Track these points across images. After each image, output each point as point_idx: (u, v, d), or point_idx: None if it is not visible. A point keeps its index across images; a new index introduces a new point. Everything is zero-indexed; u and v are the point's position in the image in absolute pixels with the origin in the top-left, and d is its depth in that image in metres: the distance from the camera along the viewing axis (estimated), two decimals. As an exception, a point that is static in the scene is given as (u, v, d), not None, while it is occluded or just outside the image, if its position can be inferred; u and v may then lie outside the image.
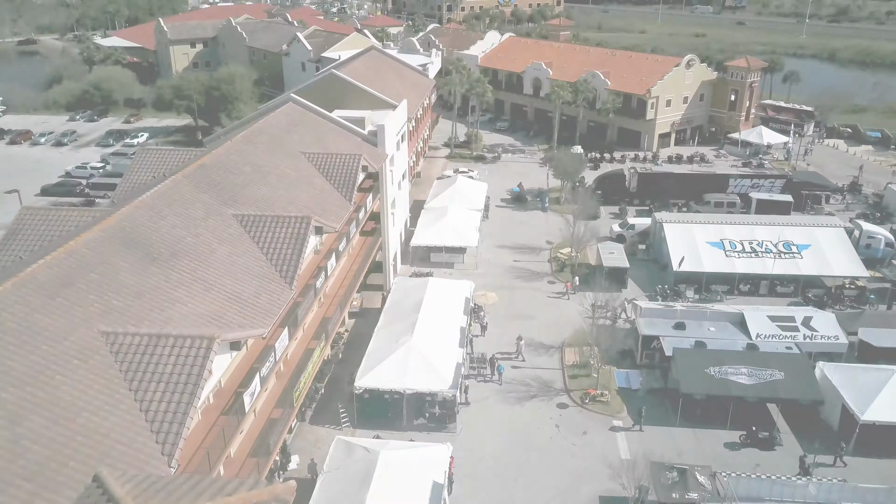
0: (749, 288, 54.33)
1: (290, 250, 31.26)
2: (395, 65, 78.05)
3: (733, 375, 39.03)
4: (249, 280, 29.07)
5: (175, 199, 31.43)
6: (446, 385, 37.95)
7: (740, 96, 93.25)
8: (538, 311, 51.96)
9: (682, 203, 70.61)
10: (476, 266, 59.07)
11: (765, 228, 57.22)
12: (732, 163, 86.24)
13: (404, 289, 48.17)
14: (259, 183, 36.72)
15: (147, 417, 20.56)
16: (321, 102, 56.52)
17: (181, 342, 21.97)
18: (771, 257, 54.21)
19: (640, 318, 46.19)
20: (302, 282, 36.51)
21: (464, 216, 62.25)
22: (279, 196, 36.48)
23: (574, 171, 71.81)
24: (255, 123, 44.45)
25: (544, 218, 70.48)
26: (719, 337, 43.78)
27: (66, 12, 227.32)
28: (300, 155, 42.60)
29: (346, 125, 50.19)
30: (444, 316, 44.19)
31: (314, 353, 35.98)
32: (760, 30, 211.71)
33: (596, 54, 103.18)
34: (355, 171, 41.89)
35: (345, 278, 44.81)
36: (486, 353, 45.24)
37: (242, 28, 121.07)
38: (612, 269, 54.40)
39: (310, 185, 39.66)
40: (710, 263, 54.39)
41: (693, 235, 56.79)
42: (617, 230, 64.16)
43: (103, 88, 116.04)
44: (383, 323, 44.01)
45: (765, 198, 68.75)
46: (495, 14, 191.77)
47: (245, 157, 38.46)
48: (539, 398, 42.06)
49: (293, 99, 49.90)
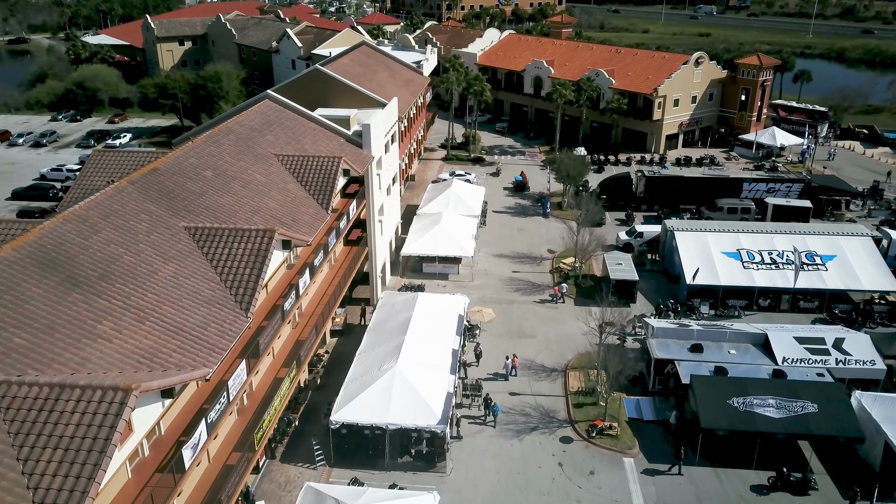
0: (769, 303, 49.75)
1: (248, 270, 26.72)
2: (387, 61, 73.56)
3: (760, 407, 34.44)
4: (196, 307, 24.54)
5: (114, 210, 26.91)
6: (435, 419, 33.40)
7: (752, 96, 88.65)
8: (539, 328, 47.40)
9: (693, 209, 66.10)
10: (472, 277, 54.55)
11: (785, 237, 52.67)
12: (744, 165, 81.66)
13: (391, 305, 43.65)
14: (220, 190, 32.19)
15: (35, 497, 15.94)
16: (304, 100, 52.14)
17: (88, 395, 17.37)
18: (792, 269, 49.68)
19: (652, 338, 41.63)
20: (269, 303, 32.05)
21: (459, 223, 57.76)
22: (243, 205, 31.95)
23: (577, 174, 67.28)
24: (225, 122, 39.94)
25: (545, 224, 65.97)
26: (741, 361, 39.21)
27: (59, 11, 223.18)
28: (273, 157, 38.09)
29: (328, 125, 45.70)
30: (435, 337, 39.66)
31: (283, 385, 31.50)
32: (765, 29, 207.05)
33: (599, 52, 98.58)
34: (334, 175, 37.36)
35: (325, 294, 40.32)
36: (481, 380, 40.65)
37: (232, 25, 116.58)
38: (620, 282, 49.86)
39: (281, 192, 35.13)
40: (727, 276, 49.79)
41: (707, 245, 52.23)
42: (624, 238, 59.60)
43: (88, 87, 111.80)
44: (366, 345, 39.47)
45: (782, 203, 64.18)
46: (496, 13, 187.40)
47: (207, 160, 33.95)
48: (540, 430, 37.48)
49: (270, 96, 45.41)
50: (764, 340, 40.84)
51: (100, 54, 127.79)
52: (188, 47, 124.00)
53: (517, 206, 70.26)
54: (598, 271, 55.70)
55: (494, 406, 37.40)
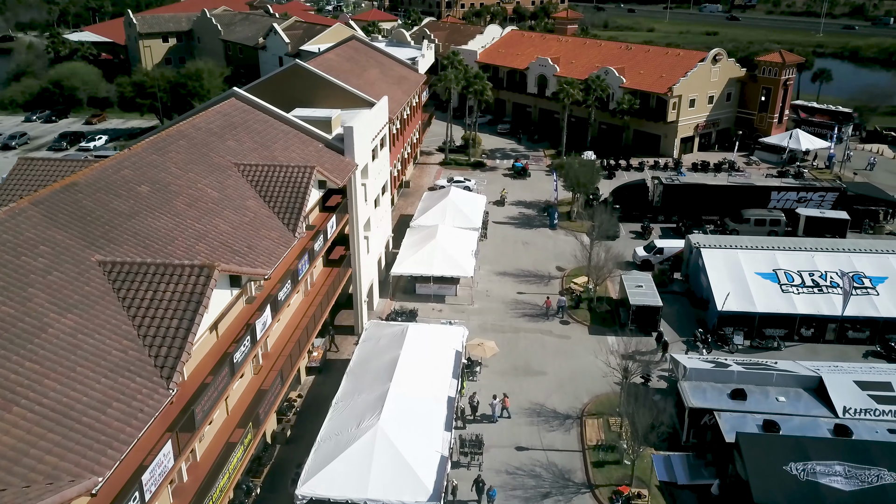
0: (812, 332, 43.35)
1: (175, 321, 20.28)
2: (378, 57, 67.16)
3: (824, 476, 28.02)
4: (95, 379, 18.09)
5: (4, 241, 20.50)
6: (425, 494, 26.95)
7: (773, 96, 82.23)
8: (549, 364, 40.99)
9: (716, 220, 59.71)
10: (471, 300, 48.15)
11: (827, 256, 46.35)
12: (766, 171, 75.18)
13: (377, 339, 37.18)
14: (157, 210, 25.74)
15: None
16: (281, 100, 45.87)
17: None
18: (838, 293, 43.32)
19: (685, 381, 35.20)
20: (219, 349, 25.66)
21: (457, 237, 51.39)
22: (185, 229, 25.50)
23: (588, 181, 60.84)
24: (176, 125, 33.49)
25: (553, 237, 59.56)
26: (793, 412, 32.78)
27: (48, 9, 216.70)
28: (231, 167, 31.67)
29: (305, 127, 39.29)
30: (427, 381, 33.22)
31: (235, 453, 25.08)
32: (773, 28, 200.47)
33: (608, 49, 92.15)
34: (305, 188, 30.91)
35: (297, 327, 33.93)
36: (481, 436, 34.16)
37: (218, 20, 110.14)
38: (642, 308, 43.48)
39: (238, 211, 28.70)
40: (763, 301, 43.39)
41: (738, 264, 45.89)
42: (641, 255, 53.18)
43: (65, 86, 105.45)
44: (345, 391, 33.00)
45: (815, 215, 57.81)
46: (497, 11, 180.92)
47: (145, 171, 27.53)
48: (554, 497, 31.03)
49: (236, 94, 38.94)
50: (817, 384, 34.40)
51: (80, 51, 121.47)
52: (173, 44, 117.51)
53: (521, 216, 63.85)
54: (613, 292, 49.33)
55: (490, 490, 30.31)
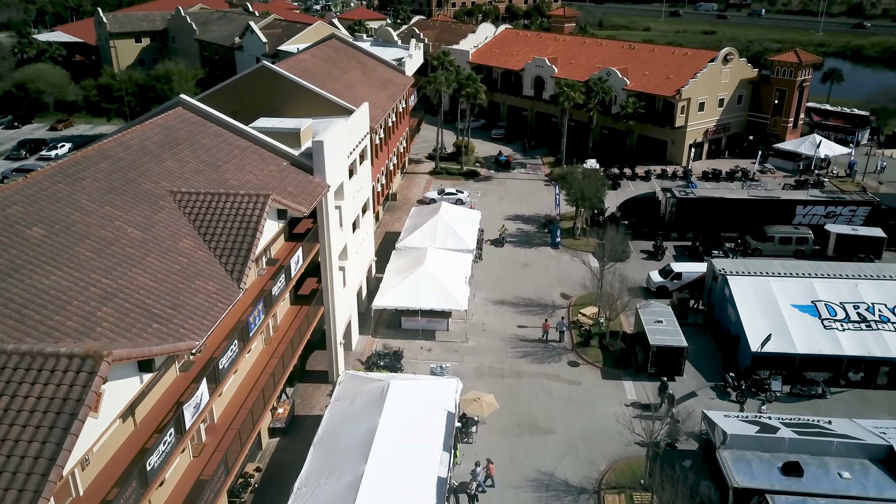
0: (862, 377, 37.37)
1: (52, 427, 13.97)
2: (360, 58, 60.87)
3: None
4: None
5: None
6: None
7: (788, 98, 76.42)
8: (558, 418, 34.80)
9: (735, 238, 53.78)
10: (465, 336, 41.93)
11: (872, 284, 40.48)
12: (781, 180, 69.30)
13: (352, 397, 30.85)
14: (51, 260, 19.40)
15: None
16: (245, 108, 39.85)
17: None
18: (891, 329, 37.43)
19: (725, 450, 29.08)
20: (136, 442, 19.39)
21: (449, 261, 45.30)
22: (83, 288, 19.14)
23: (594, 194, 54.71)
24: (100, 143, 27.09)
25: (556, 257, 53.47)
26: (862, 493, 26.75)
27: (24, 8, 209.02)
28: (166, 196, 25.33)
29: (266, 142, 32.99)
30: (411, 456, 27.00)
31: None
32: (773, 27, 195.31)
33: (610, 48, 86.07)
34: (255, 223, 24.56)
35: (253, 387, 27.69)
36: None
37: (193, 19, 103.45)
38: (663, 349, 37.38)
39: (166, 256, 22.36)
40: (804, 340, 37.38)
41: (771, 294, 39.93)
42: (657, 280, 47.13)
43: (30, 89, 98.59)
44: (310, 471, 26.62)
45: (847, 232, 51.98)
46: (489, 9, 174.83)
47: (42, 207, 21.17)
48: None
49: (183, 102, 32.55)
50: (887, 455, 28.41)
51: (49, 52, 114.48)
52: (146, 44, 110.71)
53: (520, 232, 57.66)
54: (627, 325, 43.27)
55: None
